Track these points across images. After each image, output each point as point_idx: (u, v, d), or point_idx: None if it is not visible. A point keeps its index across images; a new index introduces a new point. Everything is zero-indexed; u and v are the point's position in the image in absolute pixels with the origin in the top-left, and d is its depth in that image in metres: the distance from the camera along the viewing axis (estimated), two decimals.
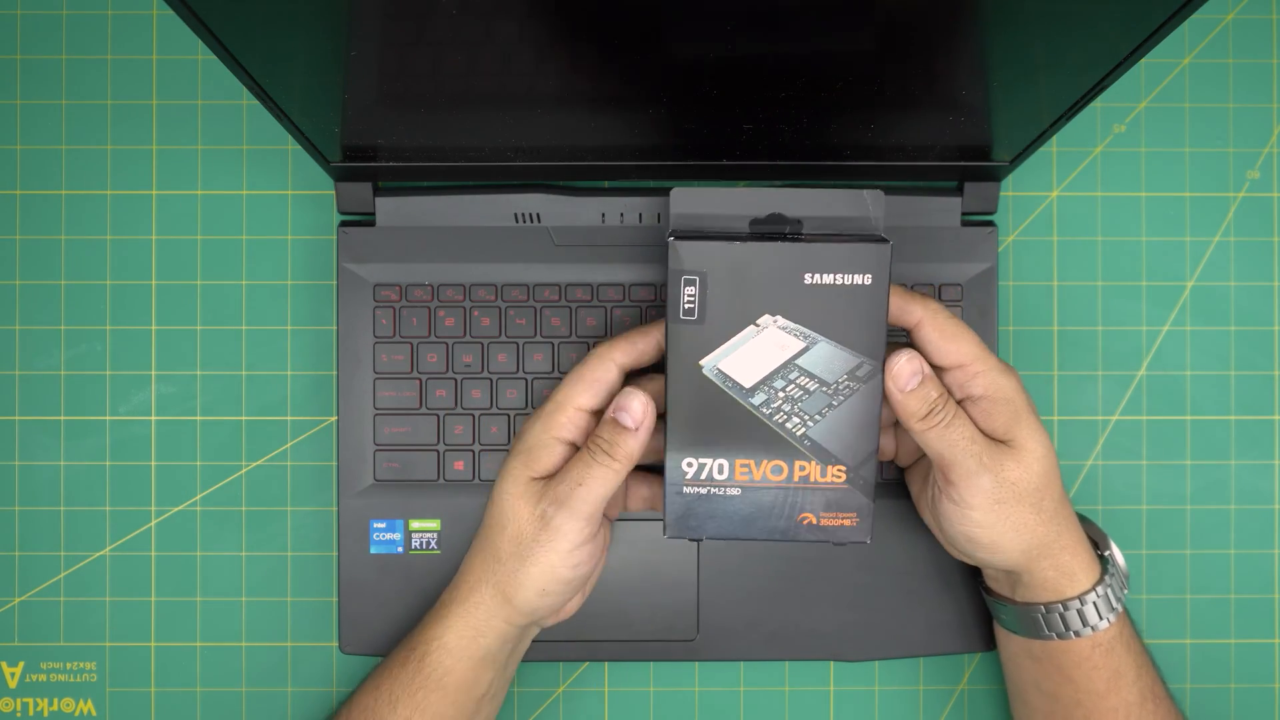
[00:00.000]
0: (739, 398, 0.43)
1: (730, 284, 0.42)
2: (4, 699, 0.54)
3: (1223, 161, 0.55)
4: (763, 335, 0.42)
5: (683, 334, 0.42)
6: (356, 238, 0.52)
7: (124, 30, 0.55)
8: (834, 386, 0.43)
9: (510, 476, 0.44)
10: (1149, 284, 0.55)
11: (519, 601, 0.44)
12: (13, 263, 0.54)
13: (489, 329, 0.52)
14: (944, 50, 0.40)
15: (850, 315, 0.42)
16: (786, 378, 0.43)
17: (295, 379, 0.54)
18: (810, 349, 0.42)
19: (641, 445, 0.42)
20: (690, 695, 0.54)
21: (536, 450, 0.44)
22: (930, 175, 0.52)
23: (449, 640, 0.44)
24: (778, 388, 0.43)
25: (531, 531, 0.43)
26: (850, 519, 0.44)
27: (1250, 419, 0.54)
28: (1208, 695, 0.54)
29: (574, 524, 0.42)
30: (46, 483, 0.54)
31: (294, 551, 0.54)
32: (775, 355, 0.42)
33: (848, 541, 0.44)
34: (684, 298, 0.42)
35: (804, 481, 0.43)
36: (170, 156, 0.55)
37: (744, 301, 0.42)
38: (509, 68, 0.40)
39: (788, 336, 0.42)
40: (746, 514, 0.44)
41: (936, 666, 0.54)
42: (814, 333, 0.42)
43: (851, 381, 0.43)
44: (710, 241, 0.41)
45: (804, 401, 0.43)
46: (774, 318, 0.42)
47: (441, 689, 0.44)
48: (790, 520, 0.44)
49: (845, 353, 0.42)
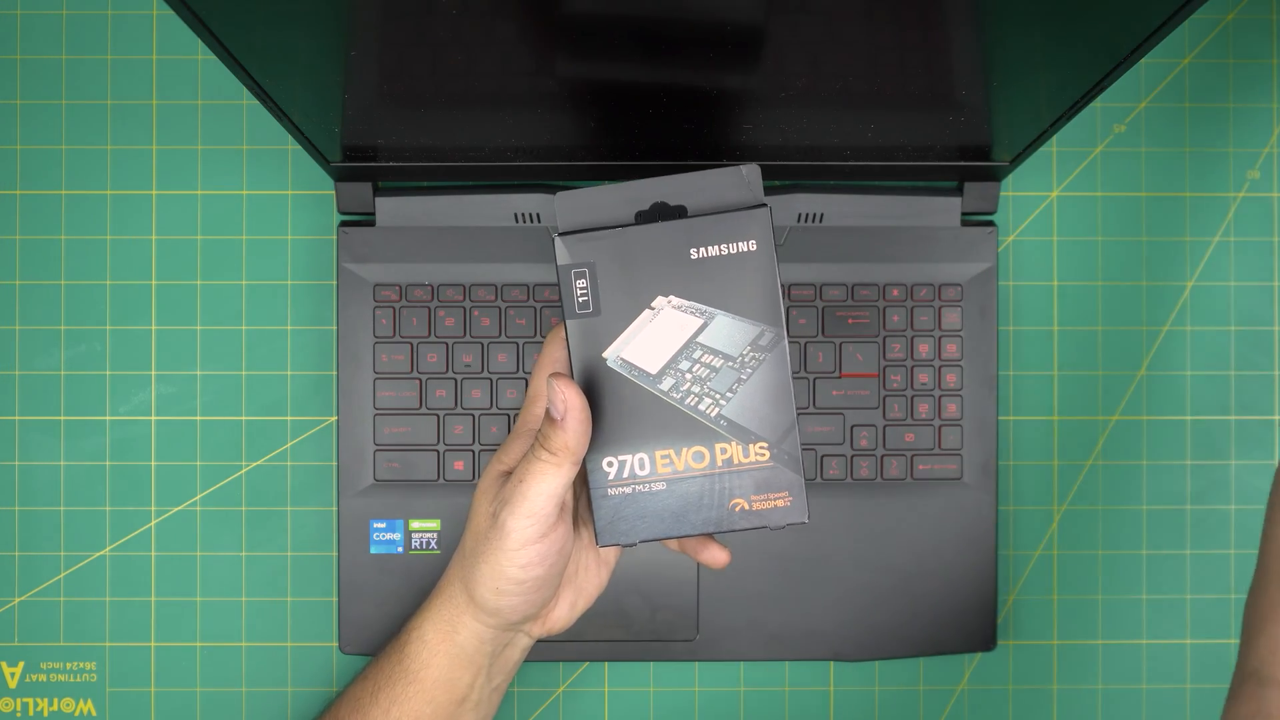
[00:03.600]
0: (647, 385, 0.42)
1: (619, 271, 0.42)
2: (4, 699, 0.54)
3: (1223, 161, 0.55)
4: (660, 318, 0.42)
5: (581, 329, 0.42)
6: (356, 238, 0.52)
7: (124, 30, 0.55)
8: (739, 360, 0.42)
9: (484, 472, 0.44)
10: (1149, 284, 0.55)
11: (478, 599, 0.43)
12: (13, 263, 0.54)
13: (489, 329, 0.52)
14: (944, 50, 0.40)
15: (742, 283, 0.42)
16: (691, 358, 0.42)
17: (295, 379, 0.54)
18: (709, 324, 0.42)
19: (575, 437, 0.40)
20: (690, 695, 0.54)
21: (509, 444, 0.44)
22: (930, 175, 0.52)
23: (426, 632, 0.44)
24: (684, 369, 0.42)
25: (484, 528, 0.42)
26: (783, 498, 0.43)
27: (1250, 419, 0.54)
28: (1208, 695, 0.54)
29: (517, 522, 0.41)
30: (46, 483, 0.54)
31: (294, 551, 0.54)
32: (676, 336, 0.42)
33: (785, 524, 0.43)
34: (576, 291, 0.42)
35: (728, 465, 0.42)
36: (170, 156, 0.55)
37: (635, 286, 0.42)
38: (509, 68, 0.40)
39: (684, 315, 0.42)
40: (676, 508, 0.42)
41: (936, 666, 0.55)
42: (709, 307, 0.42)
43: (756, 352, 0.42)
44: (593, 232, 0.42)
45: (712, 380, 0.42)
46: (667, 298, 0.42)
47: (419, 682, 0.44)
48: (722, 509, 0.42)
49: (744, 323, 0.42)
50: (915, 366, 0.52)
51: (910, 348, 0.52)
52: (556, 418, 0.40)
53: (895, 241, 0.52)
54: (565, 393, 0.39)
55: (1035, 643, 0.55)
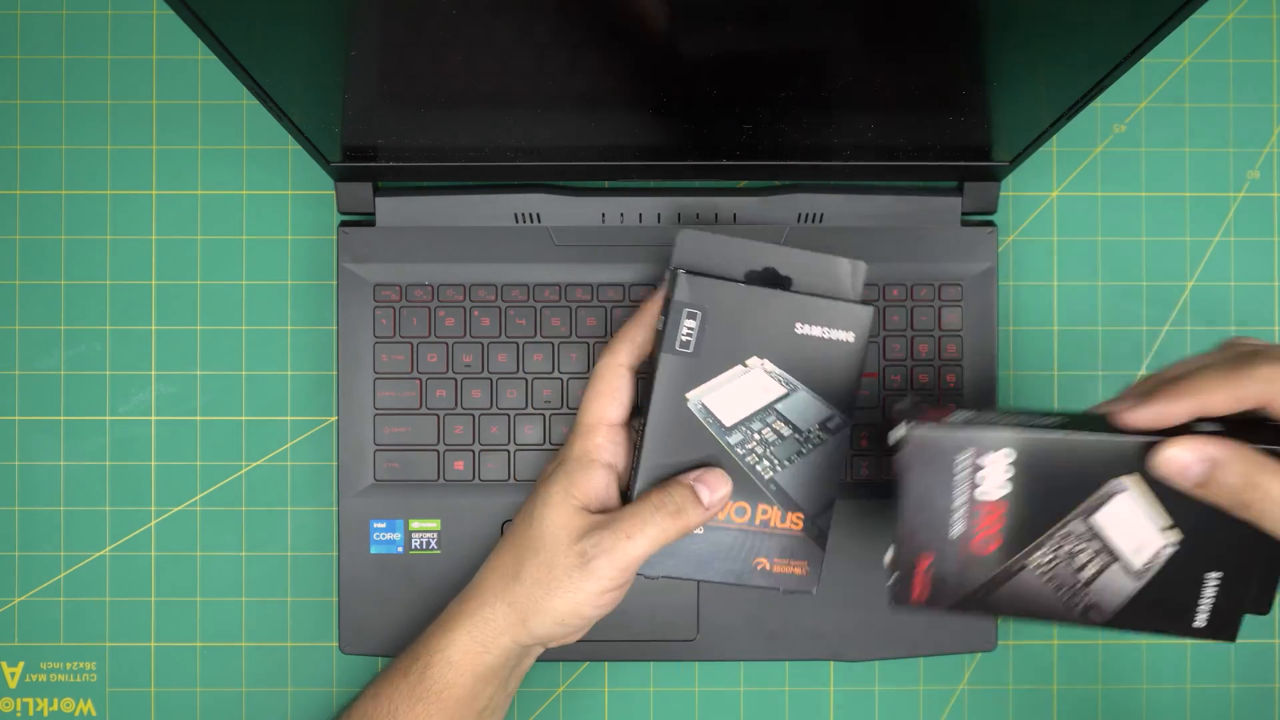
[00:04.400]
0: (717, 434, 0.43)
1: (728, 323, 0.43)
2: (4, 699, 0.54)
3: (1223, 161, 0.55)
4: (749, 376, 0.43)
5: (674, 364, 0.43)
6: (356, 238, 0.52)
7: (124, 30, 0.55)
8: (805, 435, 0.44)
9: (553, 502, 0.44)
10: (1149, 284, 0.55)
11: (534, 626, 0.43)
12: (13, 263, 0.54)
13: (489, 329, 0.52)
14: (944, 50, 0.40)
15: (830, 367, 0.43)
16: (765, 421, 0.44)
17: (295, 379, 0.54)
18: (790, 395, 0.44)
19: (705, 520, 0.43)
20: (690, 695, 0.54)
21: (577, 474, 0.44)
22: (930, 175, 0.52)
23: (453, 654, 0.44)
24: (754, 429, 0.43)
25: (565, 566, 0.42)
26: (801, 567, 0.45)
27: None
28: (1208, 695, 0.54)
29: (612, 572, 0.42)
30: (46, 483, 0.54)
31: (294, 551, 0.54)
32: (758, 397, 0.43)
33: (795, 590, 0.45)
34: (683, 330, 0.43)
35: (764, 526, 0.44)
36: (170, 156, 0.55)
37: (737, 341, 0.43)
38: (509, 68, 0.40)
39: (772, 381, 0.43)
40: (704, 555, 0.44)
41: (936, 666, 0.55)
42: (796, 380, 0.43)
43: (822, 432, 0.44)
44: (716, 280, 0.43)
45: (776, 446, 0.44)
46: (762, 361, 0.43)
47: (441, 702, 0.44)
48: (745, 564, 0.44)
49: (820, 403, 0.44)
50: (915, 367, 0.52)
51: (910, 348, 0.52)
52: (704, 503, 0.42)
53: (895, 241, 0.52)
54: (722, 490, 0.43)
55: (1035, 643, 0.55)
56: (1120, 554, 0.37)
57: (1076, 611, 0.38)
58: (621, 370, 0.44)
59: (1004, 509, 0.37)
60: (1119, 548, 0.37)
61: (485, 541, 0.52)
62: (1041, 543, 0.38)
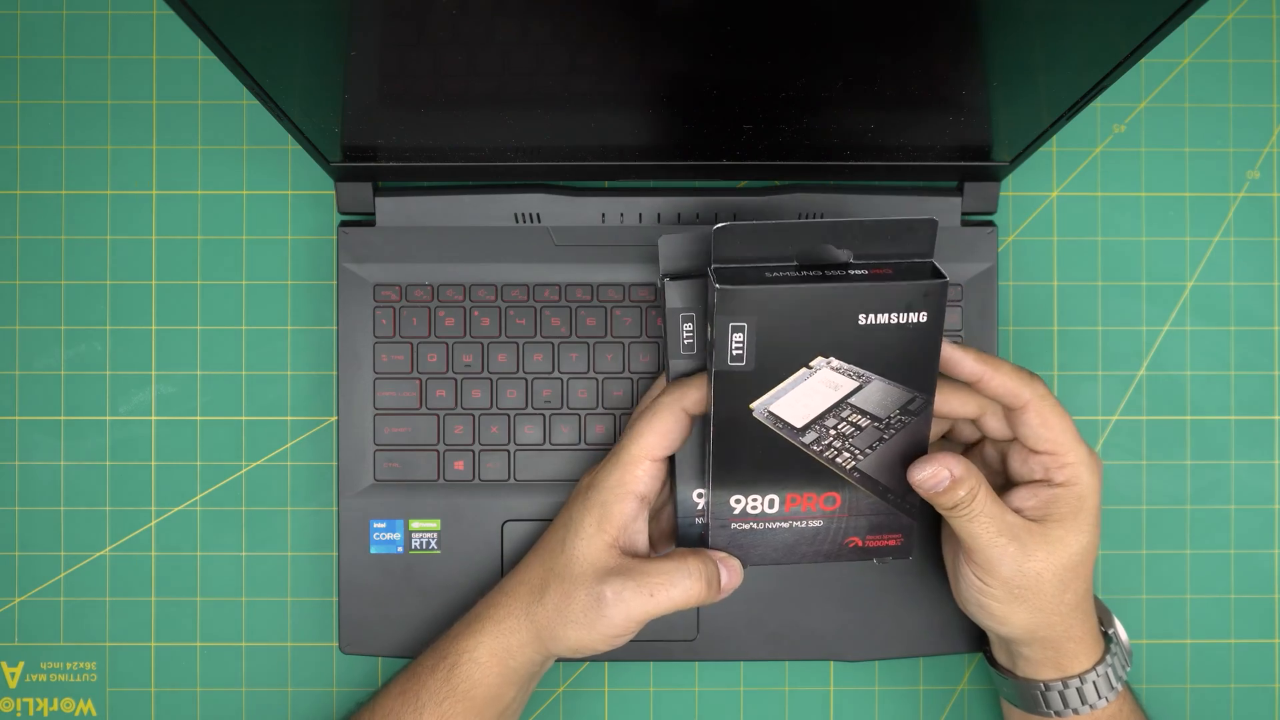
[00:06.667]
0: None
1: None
2: (4, 699, 0.54)
3: (1223, 161, 0.55)
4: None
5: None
6: (356, 238, 0.52)
7: (124, 30, 0.55)
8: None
9: (585, 534, 0.44)
10: (1149, 284, 0.55)
11: (550, 646, 0.44)
12: (13, 263, 0.54)
13: (489, 329, 0.52)
14: (944, 50, 0.40)
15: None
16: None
17: (295, 379, 0.54)
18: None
19: (715, 600, 0.44)
20: (690, 695, 0.54)
21: (611, 505, 0.43)
22: (930, 175, 0.52)
23: (481, 655, 0.45)
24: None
25: (584, 603, 0.43)
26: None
27: (1250, 419, 0.54)
28: (1208, 695, 0.54)
29: (626, 623, 0.43)
30: (46, 483, 0.54)
31: (294, 551, 0.54)
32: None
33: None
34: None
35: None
36: (170, 156, 0.55)
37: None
38: (509, 68, 0.40)
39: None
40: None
41: (936, 666, 0.54)
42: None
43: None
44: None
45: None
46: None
47: (469, 700, 0.44)
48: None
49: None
50: None
51: None
52: (721, 587, 0.43)
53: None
54: (735, 580, 0.44)
55: None
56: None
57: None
58: (684, 417, 0.43)
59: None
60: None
61: (485, 542, 0.52)
62: None
